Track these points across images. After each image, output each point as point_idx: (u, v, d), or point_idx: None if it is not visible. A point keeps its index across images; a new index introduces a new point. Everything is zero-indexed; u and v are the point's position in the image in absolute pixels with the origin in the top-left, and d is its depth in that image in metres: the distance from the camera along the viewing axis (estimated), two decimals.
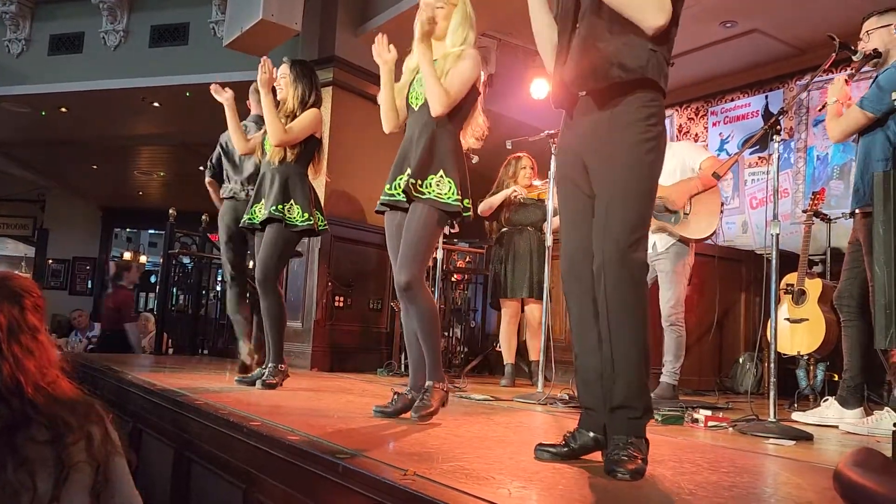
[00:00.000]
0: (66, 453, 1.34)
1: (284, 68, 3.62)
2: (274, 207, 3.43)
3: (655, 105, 1.84)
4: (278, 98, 3.60)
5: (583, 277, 1.88)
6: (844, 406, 3.10)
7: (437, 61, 2.60)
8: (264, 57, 3.49)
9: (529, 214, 4.81)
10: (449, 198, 2.54)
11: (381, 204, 2.68)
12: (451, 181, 2.54)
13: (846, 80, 3.23)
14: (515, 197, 4.78)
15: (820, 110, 3.07)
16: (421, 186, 2.54)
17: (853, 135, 3.10)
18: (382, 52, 2.69)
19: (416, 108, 2.64)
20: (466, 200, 2.61)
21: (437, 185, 2.54)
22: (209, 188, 4.51)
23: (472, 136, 2.71)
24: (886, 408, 2.99)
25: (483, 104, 2.73)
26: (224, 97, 3.79)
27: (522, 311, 4.89)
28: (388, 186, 2.63)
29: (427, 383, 2.55)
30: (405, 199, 2.57)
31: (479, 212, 4.80)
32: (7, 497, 1.28)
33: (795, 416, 3.23)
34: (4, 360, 1.38)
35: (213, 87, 3.83)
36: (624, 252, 1.77)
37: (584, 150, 1.90)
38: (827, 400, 3.24)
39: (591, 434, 1.84)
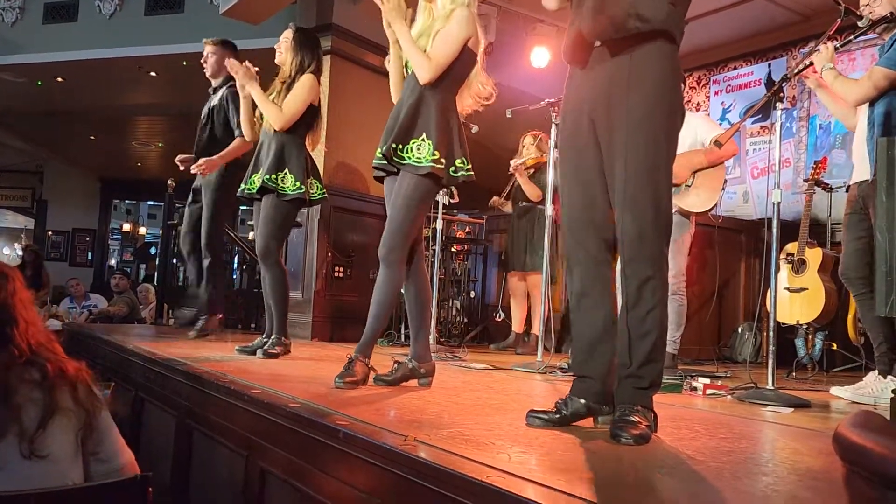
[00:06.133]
0: (53, 394, 1.45)
1: (288, 33, 3.55)
2: (268, 177, 3.39)
3: (674, 58, 1.81)
4: (276, 62, 3.54)
5: (586, 244, 1.87)
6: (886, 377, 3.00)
7: (430, 24, 2.57)
8: (230, 60, 3.44)
9: (520, 193, 5.08)
10: (425, 159, 2.49)
11: (374, 168, 2.66)
12: (431, 143, 2.50)
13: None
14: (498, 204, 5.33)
15: (795, 74, 2.94)
16: (401, 151, 2.52)
17: (873, 97, 2.99)
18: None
19: (409, 72, 2.61)
20: (459, 161, 2.57)
21: (418, 149, 2.51)
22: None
23: (473, 97, 2.65)
24: (890, 376, 2.99)
25: (485, 65, 2.66)
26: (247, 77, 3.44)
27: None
28: (378, 150, 2.60)
29: (353, 355, 2.51)
30: (388, 164, 2.55)
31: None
32: None
33: (834, 391, 3.08)
34: (20, 316, 1.50)
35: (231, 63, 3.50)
36: (643, 227, 1.75)
37: (597, 105, 1.84)
38: (870, 374, 3.09)
39: (583, 401, 1.85)
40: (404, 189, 2.53)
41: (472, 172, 2.63)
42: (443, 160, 2.51)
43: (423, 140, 2.51)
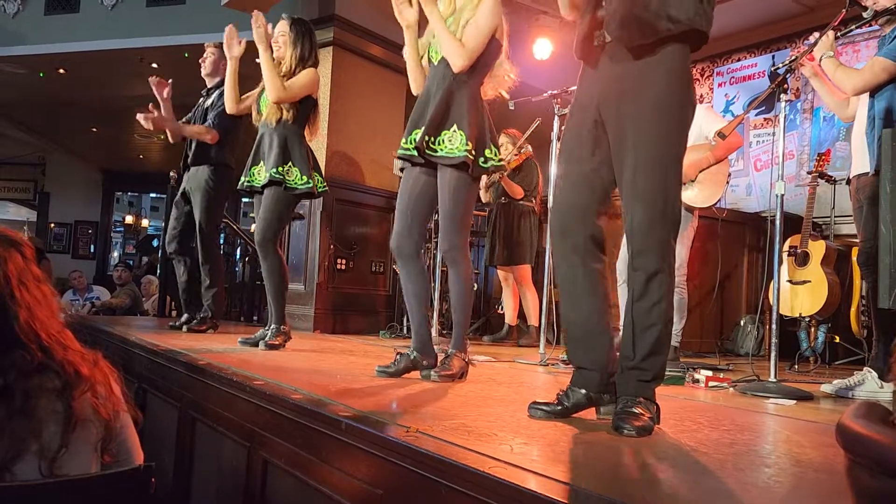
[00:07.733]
0: (75, 404, 1.30)
1: (283, 26, 3.54)
2: (274, 170, 3.40)
3: (686, 51, 1.78)
4: (275, 56, 3.53)
5: (573, 235, 1.86)
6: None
7: (455, 14, 2.56)
8: (255, 11, 3.40)
9: (499, 189, 5.12)
10: (459, 150, 2.50)
11: (398, 158, 2.67)
12: (463, 133, 2.50)
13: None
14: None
15: (793, 61, 2.89)
16: (433, 143, 2.51)
17: (873, 88, 2.95)
18: (404, 10, 2.60)
19: (435, 63, 2.61)
20: (488, 150, 2.57)
21: (450, 140, 2.51)
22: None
23: (494, 86, 2.66)
24: (866, 367, 2.98)
25: (508, 53, 2.66)
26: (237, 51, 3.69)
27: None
28: (403, 141, 2.60)
29: (450, 351, 2.60)
30: (417, 155, 2.55)
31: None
32: (14, 445, 1.25)
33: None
34: (19, 307, 1.32)
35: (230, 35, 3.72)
36: (652, 219, 1.74)
37: (608, 98, 1.82)
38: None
39: (584, 391, 1.85)
40: (449, 186, 2.55)
41: (503, 161, 2.67)
42: (473, 151, 2.52)
43: (454, 131, 2.51)
